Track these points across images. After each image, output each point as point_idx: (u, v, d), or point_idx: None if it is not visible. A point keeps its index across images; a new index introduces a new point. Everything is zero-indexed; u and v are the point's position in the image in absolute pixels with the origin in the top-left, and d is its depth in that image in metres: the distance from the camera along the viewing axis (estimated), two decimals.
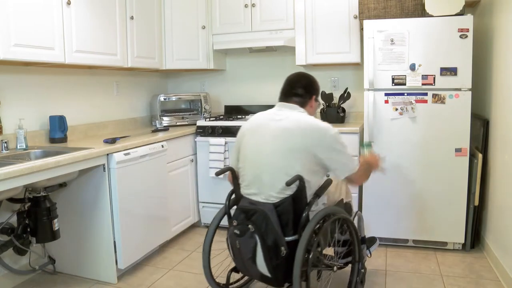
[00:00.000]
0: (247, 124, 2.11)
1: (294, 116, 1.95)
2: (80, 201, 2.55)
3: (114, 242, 2.51)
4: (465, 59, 2.73)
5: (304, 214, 1.86)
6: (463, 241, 2.90)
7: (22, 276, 2.58)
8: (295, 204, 1.86)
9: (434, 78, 2.80)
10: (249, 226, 1.84)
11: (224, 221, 3.57)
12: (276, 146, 1.90)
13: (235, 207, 2.11)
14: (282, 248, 1.82)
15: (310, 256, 1.79)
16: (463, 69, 2.74)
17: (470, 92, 2.76)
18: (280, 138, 1.90)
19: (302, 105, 2.05)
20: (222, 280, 2.22)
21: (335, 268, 2.04)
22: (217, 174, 2.08)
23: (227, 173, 2.18)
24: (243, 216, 1.92)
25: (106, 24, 2.89)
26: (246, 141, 2.05)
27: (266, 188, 1.91)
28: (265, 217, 1.84)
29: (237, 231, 1.88)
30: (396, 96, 2.88)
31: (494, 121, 2.72)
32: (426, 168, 2.88)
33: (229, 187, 3.34)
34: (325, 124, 1.93)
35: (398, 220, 2.98)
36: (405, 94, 2.86)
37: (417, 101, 2.85)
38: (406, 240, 3.02)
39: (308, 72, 2.18)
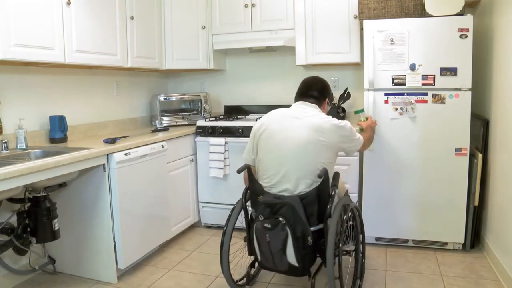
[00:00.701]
0: (266, 119, 2.25)
1: (320, 115, 2.16)
2: (80, 201, 2.55)
3: (114, 242, 2.51)
4: (465, 59, 2.73)
5: (329, 206, 2.03)
6: (463, 241, 2.90)
7: (22, 276, 2.58)
8: (319, 196, 2.03)
9: (434, 78, 2.80)
10: (280, 219, 1.95)
11: (220, 221, 3.60)
12: (307, 139, 2.06)
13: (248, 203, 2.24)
14: (309, 238, 1.98)
15: (341, 244, 1.99)
16: (463, 69, 2.74)
17: (470, 92, 2.76)
18: (311, 133, 2.07)
19: (317, 105, 2.25)
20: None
21: (352, 253, 2.26)
22: (239, 171, 2.21)
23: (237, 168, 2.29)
24: (268, 210, 2.02)
25: (106, 24, 2.89)
26: (268, 135, 2.16)
27: (291, 179, 2.06)
28: (293, 210, 1.96)
29: (268, 225, 1.98)
30: (396, 96, 2.88)
31: (494, 121, 2.73)
32: (426, 168, 2.88)
33: (229, 188, 3.37)
34: (342, 122, 2.17)
35: (398, 220, 2.98)
36: (405, 94, 2.86)
37: (417, 101, 2.85)
38: (406, 240, 3.02)
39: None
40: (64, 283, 2.57)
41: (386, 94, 2.90)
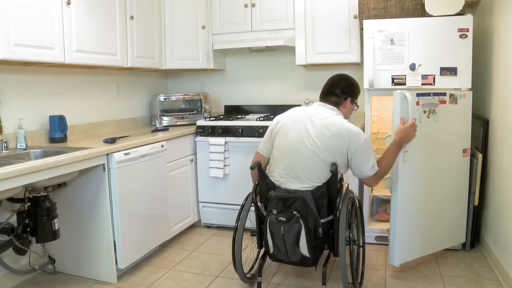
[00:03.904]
0: (283, 117, 2.31)
1: (333, 118, 2.20)
2: (80, 201, 2.55)
3: (114, 242, 2.51)
4: (465, 59, 2.73)
5: (338, 199, 2.14)
6: (463, 241, 2.89)
7: (22, 276, 2.58)
8: (329, 189, 2.13)
9: (434, 78, 2.79)
10: (294, 212, 2.03)
11: (220, 221, 3.59)
12: (318, 141, 2.13)
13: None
14: (320, 229, 2.07)
15: (351, 234, 2.12)
16: (463, 69, 2.74)
17: (471, 92, 2.75)
18: (322, 135, 2.13)
19: (337, 105, 2.30)
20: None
21: (359, 243, 2.36)
22: (252, 168, 2.29)
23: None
24: (281, 204, 2.09)
25: (106, 24, 2.89)
26: (282, 133, 2.24)
27: (302, 176, 2.14)
28: (305, 203, 2.05)
29: (283, 218, 2.05)
30: (425, 97, 2.55)
31: (494, 121, 2.72)
32: (438, 171, 2.70)
33: (229, 187, 3.36)
34: (358, 130, 2.17)
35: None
36: (431, 94, 2.57)
37: (440, 102, 2.61)
38: None
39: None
40: (64, 283, 2.57)
41: (418, 95, 2.51)
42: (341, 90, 2.30)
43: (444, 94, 2.63)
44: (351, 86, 2.35)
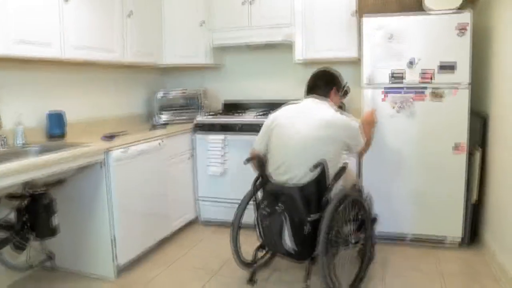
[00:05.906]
0: (278, 114, 2.35)
1: (330, 111, 2.25)
2: (79, 197, 2.55)
3: (113, 238, 2.52)
4: (464, 55, 2.73)
5: (325, 197, 2.12)
6: (461, 238, 2.90)
7: (21, 272, 2.58)
8: (318, 186, 2.13)
9: (433, 74, 2.79)
10: (276, 207, 2.10)
11: (219, 217, 3.59)
12: (316, 135, 2.15)
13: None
14: (307, 226, 2.08)
15: (333, 233, 2.07)
16: (462, 65, 2.74)
17: (468, 88, 2.75)
18: (321, 129, 2.16)
19: (325, 96, 2.35)
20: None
21: (350, 245, 2.30)
22: (247, 161, 2.36)
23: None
24: (272, 198, 2.17)
25: (104, 20, 2.88)
26: (278, 130, 2.26)
27: (296, 171, 2.16)
28: (292, 199, 2.10)
29: (266, 211, 2.15)
30: (394, 93, 2.87)
31: (493, 117, 2.73)
32: (425, 164, 2.89)
33: (228, 183, 3.37)
34: (352, 120, 2.29)
35: (397, 214, 2.98)
36: (403, 91, 2.85)
37: (415, 98, 2.84)
38: (405, 236, 3.03)
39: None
40: (63, 279, 2.58)
41: (384, 91, 2.89)
42: (325, 82, 2.37)
43: (423, 91, 2.82)
44: (333, 77, 2.42)
